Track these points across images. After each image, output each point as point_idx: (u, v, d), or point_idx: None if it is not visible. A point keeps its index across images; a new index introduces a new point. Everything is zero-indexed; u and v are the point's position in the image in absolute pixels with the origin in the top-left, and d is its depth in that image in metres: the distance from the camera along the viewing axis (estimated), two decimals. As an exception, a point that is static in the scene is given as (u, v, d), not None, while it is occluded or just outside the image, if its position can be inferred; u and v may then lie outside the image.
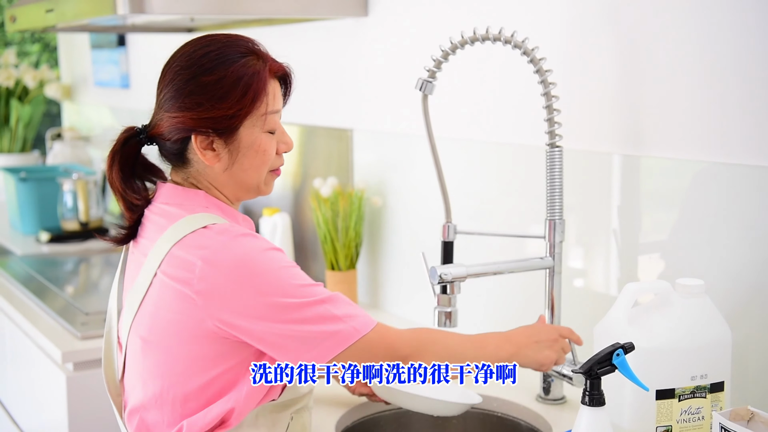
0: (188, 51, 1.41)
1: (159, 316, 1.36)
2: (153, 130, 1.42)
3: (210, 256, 1.31)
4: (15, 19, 2.89)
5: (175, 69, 1.41)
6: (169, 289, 1.34)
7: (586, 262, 1.80)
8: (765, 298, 1.46)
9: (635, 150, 1.67)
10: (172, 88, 1.40)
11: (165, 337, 1.36)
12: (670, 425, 1.35)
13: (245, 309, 1.31)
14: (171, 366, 1.36)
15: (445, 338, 1.46)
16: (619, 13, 1.67)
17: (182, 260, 1.33)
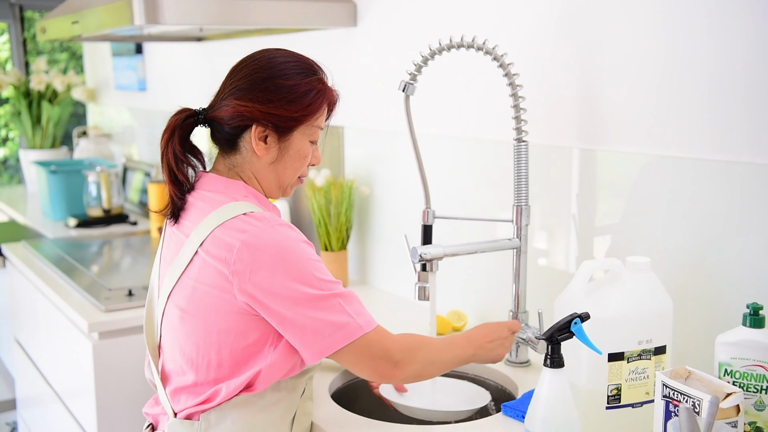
0: (269, 56, 1.42)
1: (197, 290, 1.36)
2: (213, 113, 1.42)
3: (248, 240, 1.31)
4: (45, 30, 2.88)
5: (254, 66, 1.41)
6: (208, 266, 1.34)
7: (548, 243, 1.81)
8: (701, 274, 1.47)
9: (592, 144, 1.68)
10: (247, 80, 1.40)
11: (201, 309, 1.36)
12: (620, 383, 1.36)
13: (272, 291, 1.31)
14: (206, 335, 1.36)
15: (429, 343, 1.46)
16: (575, 23, 1.67)
17: (223, 241, 1.32)
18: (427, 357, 1.43)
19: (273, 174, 1.44)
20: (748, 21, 1.36)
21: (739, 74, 1.39)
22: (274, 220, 1.36)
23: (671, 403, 1.21)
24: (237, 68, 1.43)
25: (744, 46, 1.37)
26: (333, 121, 2.15)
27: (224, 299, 1.33)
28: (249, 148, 1.41)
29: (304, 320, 1.31)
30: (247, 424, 1.38)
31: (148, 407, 1.51)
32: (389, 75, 2.24)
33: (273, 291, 1.31)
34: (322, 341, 1.32)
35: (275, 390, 1.40)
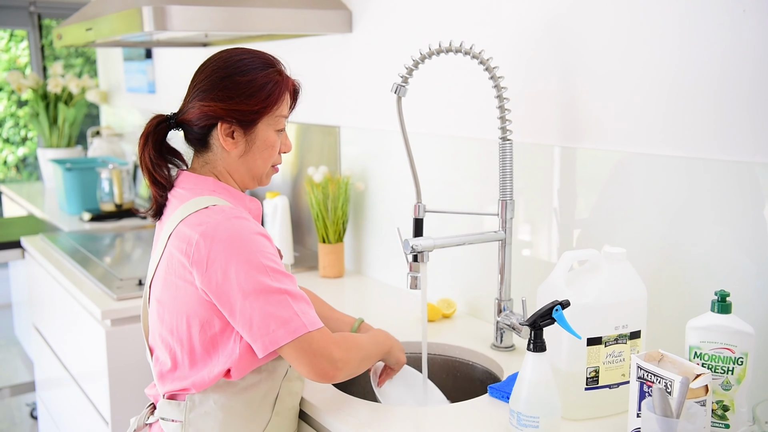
0: (225, 56, 1.42)
1: (168, 282, 1.37)
2: (183, 116, 1.42)
3: (205, 231, 1.31)
4: (61, 36, 2.87)
5: (212, 68, 1.41)
6: (174, 259, 1.35)
7: (531, 235, 1.81)
8: (673, 264, 1.47)
9: (572, 143, 1.67)
10: (208, 82, 1.40)
11: (172, 300, 1.37)
12: (598, 366, 1.36)
13: (225, 281, 1.29)
14: (177, 324, 1.36)
15: (360, 343, 1.45)
16: (556, 30, 1.67)
17: (184, 235, 1.33)
18: (361, 355, 1.43)
19: (244, 166, 1.44)
20: (715, 24, 1.36)
21: (706, 77, 1.38)
22: (232, 213, 1.34)
23: (645, 384, 1.21)
24: (198, 71, 1.44)
25: (710, 50, 1.37)
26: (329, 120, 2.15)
27: (188, 290, 1.34)
28: (218, 145, 1.41)
29: (251, 312, 1.29)
30: (227, 405, 1.39)
31: (149, 388, 1.52)
32: (382, 77, 2.23)
33: (226, 281, 1.29)
34: (268, 335, 1.29)
35: (255, 372, 1.40)
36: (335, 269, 2.38)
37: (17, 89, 4.47)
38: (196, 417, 1.39)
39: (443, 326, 1.91)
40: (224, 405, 1.39)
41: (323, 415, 1.44)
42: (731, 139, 1.36)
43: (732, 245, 1.37)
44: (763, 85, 1.31)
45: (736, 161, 1.35)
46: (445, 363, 1.78)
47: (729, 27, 1.34)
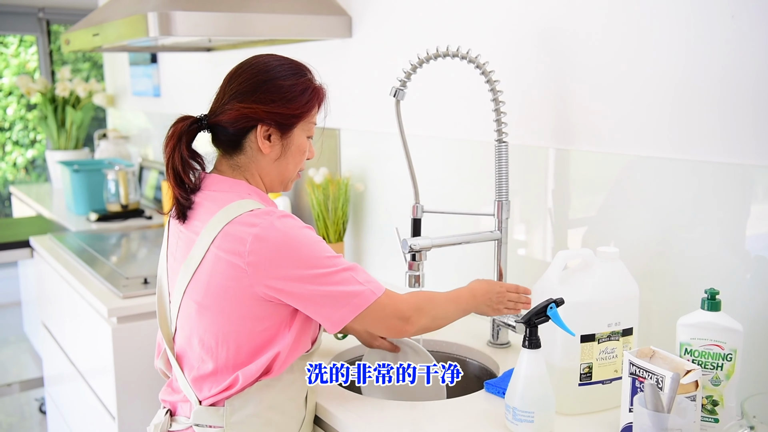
0: (264, 60, 1.40)
1: (212, 284, 1.33)
2: (217, 117, 1.39)
3: (259, 233, 1.29)
4: (69, 42, 2.87)
5: (252, 71, 1.39)
6: (222, 261, 1.31)
7: (526, 234, 1.81)
8: (664, 263, 1.47)
9: (566, 145, 1.67)
10: (248, 84, 1.38)
11: (218, 301, 1.33)
12: (591, 362, 1.36)
13: (288, 276, 1.30)
14: (224, 324, 1.34)
15: (435, 298, 1.47)
16: (551, 35, 1.67)
17: (234, 236, 1.31)
18: (434, 312, 1.45)
19: (276, 170, 1.43)
20: (705, 29, 1.36)
21: (692, 83, 1.38)
22: (278, 212, 1.34)
23: (637, 380, 1.21)
24: (235, 74, 1.41)
25: (696, 57, 1.37)
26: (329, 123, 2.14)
27: (240, 289, 1.32)
28: (254, 147, 1.39)
29: (322, 295, 1.31)
30: (269, 406, 1.37)
31: (165, 395, 1.47)
32: (381, 81, 2.23)
33: (290, 277, 1.30)
34: (342, 310, 1.32)
35: (289, 372, 1.38)
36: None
37: (26, 93, 4.47)
38: (236, 421, 1.35)
39: (441, 323, 1.91)
40: (265, 406, 1.37)
41: (324, 410, 1.44)
42: (719, 141, 1.36)
43: (721, 245, 1.37)
44: (744, 90, 1.31)
45: (724, 163, 1.35)
46: (442, 359, 1.78)
47: (717, 34, 1.34)
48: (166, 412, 1.45)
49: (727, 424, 1.14)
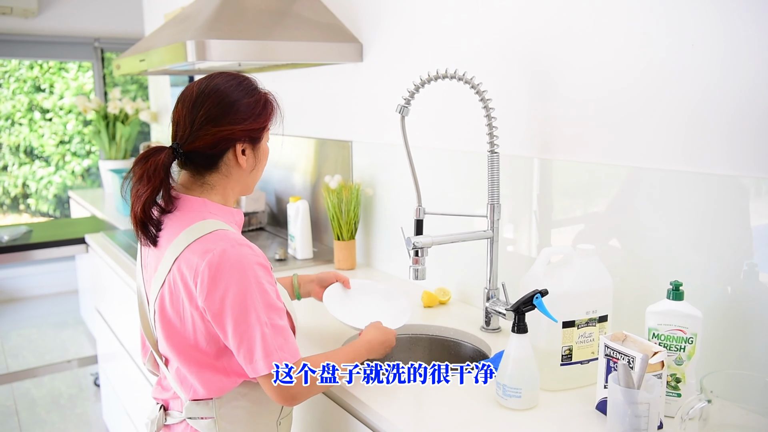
0: (219, 83, 1.30)
1: (175, 297, 1.25)
2: (192, 145, 1.28)
3: (211, 260, 1.20)
4: (119, 66, 2.88)
5: (216, 96, 1.28)
6: (178, 284, 1.24)
7: (515, 233, 1.80)
8: (634, 258, 1.46)
9: (549, 155, 1.67)
10: (218, 109, 1.28)
11: (181, 315, 1.26)
12: (572, 345, 1.35)
13: (222, 306, 1.20)
14: (187, 336, 1.26)
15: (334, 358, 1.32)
16: (536, 57, 1.66)
17: (191, 261, 1.22)
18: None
19: (250, 178, 1.36)
20: (667, 53, 1.35)
21: (660, 98, 1.38)
22: (236, 239, 1.23)
23: (611, 360, 1.20)
24: (197, 101, 1.28)
25: (664, 75, 1.36)
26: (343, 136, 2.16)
27: (189, 308, 1.23)
28: (231, 164, 1.31)
29: (243, 338, 1.20)
30: (253, 394, 1.32)
31: (157, 393, 1.40)
32: (388, 100, 2.23)
33: (222, 307, 1.20)
34: (252, 365, 1.21)
35: None
36: (348, 262, 2.37)
37: (83, 111, 4.49)
38: (226, 411, 1.30)
39: (439, 311, 1.90)
40: (252, 395, 1.32)
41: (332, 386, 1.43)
42: (681, 153, 1.35)
43: (683, 243, 1.36)
44: (708, 101, 1.30)
45: (686, 171, 1.34)
46: (440, 342, 1.77)
47: (678, 56, 1.33)
48: (159, 407, 1.39)
49: (688, 398, 1.13)
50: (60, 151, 5.91)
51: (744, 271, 1.26)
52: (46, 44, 5.18)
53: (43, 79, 5.76)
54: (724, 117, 1.28)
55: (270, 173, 3.14)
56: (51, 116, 5.81)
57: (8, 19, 5.00)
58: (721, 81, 1.28)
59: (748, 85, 1.23)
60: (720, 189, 1.29)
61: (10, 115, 5.69)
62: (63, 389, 3.84)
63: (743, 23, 1.23)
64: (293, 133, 2.89)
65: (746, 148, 1.25)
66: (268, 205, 3.16)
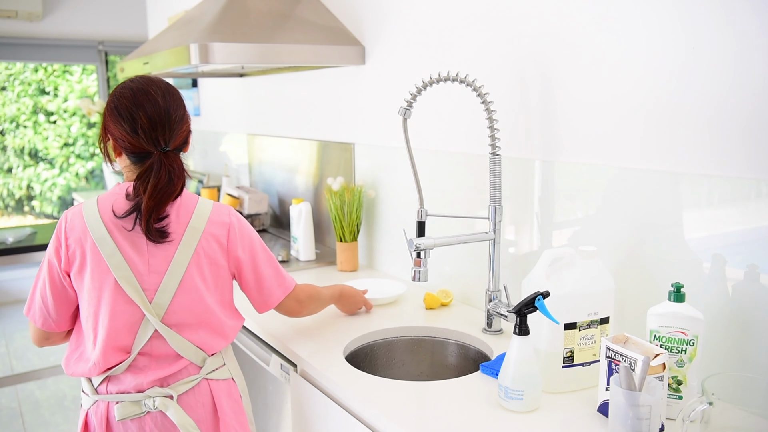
0: (165, 84, 1.44)
1: (211, 263, 1.47)
2: (176, 142, 1.42)
3: (232, 218, 1.50)
4: (123, 69, 2.89)
5: (175, 95, 1.43)
6: (215, 241, 1.48)
7: (516, 235, 1.80)
8: (637, 260, 1.46)
9: (550, 157, 1.67)
10: (182, 106, 1.43)
11: (212, 278, 1.48)
12: (573, 347, 1.35)
13: (254, 244, 1.51)
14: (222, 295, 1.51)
15: (320, 293, 1.72)
16: (537, 61, 1.66)
17: (216, 225, 1.46)
18: (319, 302, 1.72)
19: None
20: (670, 56, 1.35)
21: (662, 102, 1.37)
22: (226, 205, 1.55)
23: (613, 363, 1.20)
24: (168, 101, 1.40)
25: (666, 79, 1.36)
26: (346, 138, 2.16)
27: (226, 260, 1.48)
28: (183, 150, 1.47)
29: (268, 267, 1.54)
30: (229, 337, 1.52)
31: (150, 377, 1.41)
32: (390, 102, 2.23)
33: (253, 245, 1.51)
34: (277, 290, 1.56)
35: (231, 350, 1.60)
36: (350, 264, 2.37)
37: (87, 114, 4.50)
38: (227, 353, 1.54)
39: (441, 313, 1.90)
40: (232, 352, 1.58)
41: (333, 386, 1.43)
42: (683, 153, 1.35)
43: (685, 245, 1.36)
44: (702, 106, 1.30)
45: (687, 173, 1.34)
46: (442, 344, 1.77)
47: (679, 59, 1.33)
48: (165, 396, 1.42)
49: (690, 400, 1.12)
50: (64, 154, 5.93)
51: (745, 273, 1.26)
52: (50, 47, 5.20)
53: (47, 81, 5.78)
54: (724, 119, 1.27)
55: (273, 175, 3.14)
56: (55, 119, 5.83)
57: (13, 22, 5.02)
58: (721, 83, 1.28)
59: (749, 86, 1.23)
60: (721, 191, 1.29)
61: (14, 118, 5.71)
62: (67, 391, 3.84)
63: (743, 26, 1.23)
64: (296, 135, 2.89)
65: (747, 150, 1.25)
66: (270, 207, 3.16)
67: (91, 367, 1.40)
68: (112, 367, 1.41)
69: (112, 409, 1.41)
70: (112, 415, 1.41)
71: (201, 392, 1.45)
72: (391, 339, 1.76)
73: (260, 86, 3.17)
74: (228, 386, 1.50)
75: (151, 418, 1.41)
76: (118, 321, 1.39)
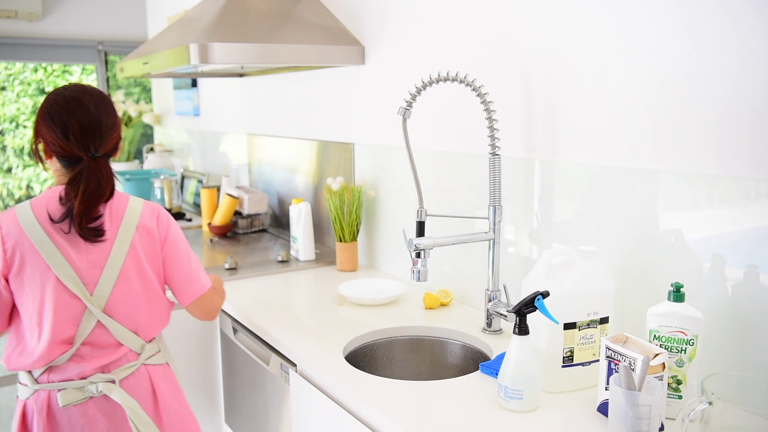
0: (98, 93, 1.52)
1: (148, 254, 1.57)
2: (106, 148, 1.50)
3: (161, 211, 1.61)
4: (123, 69, 2.88)
5: (106, 103, 1.50)
6: (147, 235, 1.58)
7: (516, 235, 1.80)
8: (636, 260, 1.46)
9: (550, 157, 1.67)
10: (113, 113, 1.51)
11: (151, 267, 1.58)
12: (573, 347, 1.35)
13: (178, 236, 1.60)
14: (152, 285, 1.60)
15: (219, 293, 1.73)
16: (537, 58, 1.66)
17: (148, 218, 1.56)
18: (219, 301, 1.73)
19: None
20: (669, 58, 1.35)
21: (660, 104, 1.37)
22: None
23: (613, 362, 1.20)
24: (99, 109, 1.48)
25: (666, 81, 1.36)
26: (345, 138, 2.14)
27: (161, 249, 1.58)
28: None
29: (191, 261, 1.62)
30: None
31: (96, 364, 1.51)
32: (390, 102, 2.23)
33: (177, 236, 1.60)
34: (194, 286, 1.62)
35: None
36: (350, 264, 2.37)
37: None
38: (161, 340, 1.65)
39: (441, 313, 1.90)
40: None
41: (333, 386, 1.43)
42: (683, 153, 1.35)
43: (685, 245, 1.36)
44: (704, 108, 1.30)
45: (687, 173, 1.34)
46: (442, 344, 1.77)
47: (679, 59, 1.33)
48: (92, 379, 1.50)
49: (690, 400, 1.12)
50: (63, 154, 5.93)
51: (745, 273, 1.26)
52: (50, 47, 5.20)
53: (47, 81, 5.77)
54: (725, 119, 1.27)
55: (273, 175, 3.14)
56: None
57: (13, 22, 5.01)
58: (721, 83, 1.28)
59: (750, 87, 1.23)
60: (721, 191, 1.29)
61: (14, 118, 5.71)
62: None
63: (744, 26, 1.23)
64: (295, 135, 2.89)
65: (747, 150, 1.25)
66: (270, 207, 3.16)
67: (35, 360, 1.48)
68: (56, 357, 1.49)
69: (53, 397, 1.49)
70: (54, 403, 1.49)
71: (140, 377, 1.56)
72: (391, 339, 1.76)
73: (260, 86, 3.17)
74: (164, 370, 1.61)
75: (94, 403, 1.51)
76: (61, 315, 1.47)
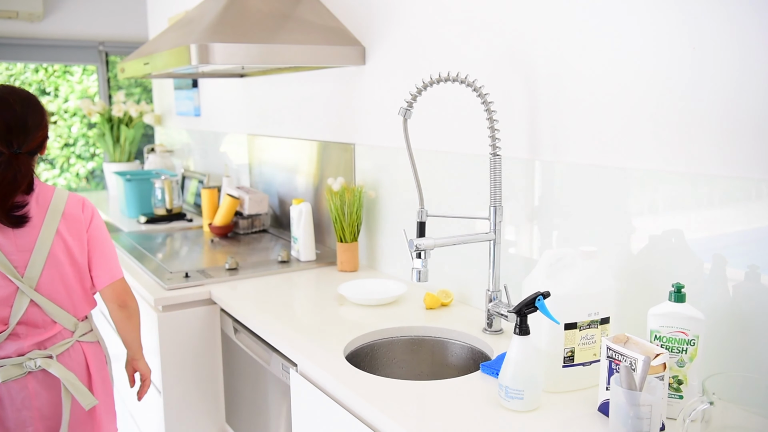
0: (26, 93, 1.62)
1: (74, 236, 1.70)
2: (29, 146, 1.59)
3: (85, 200, 1.74)
4: (124, 70, 2.88)
5: (35, 106, 1.60)
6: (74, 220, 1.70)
7: (517, 235, 1.80)
8: (637, 260, 1.46)
9: (551, 157, 1.66)
10: (40, 113, 1.61)
11: (78, 249, 1.71)
12: (574, 347, 1.35)
13: (100, 225, 1.72)
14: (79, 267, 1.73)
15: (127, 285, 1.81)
16: (538, 58, 1.66)
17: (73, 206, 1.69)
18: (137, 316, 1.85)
19: None
20: (668, 59, 1.35)
21: (661, 106, 1.37)
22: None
23: (613, 362, 1.20)
24: (26, 109, 1.58)
25: (666, 83, 1.36)
26: (346, 139, 2.14)
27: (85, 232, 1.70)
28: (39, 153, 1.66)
29: (109, 250, 1.73)
30: None
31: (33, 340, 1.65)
32: (390, 102, 2.23)
33: (99, 224, 1.72)
34: (110, 272, 1.73)
35: None
36: (351, 264, 2.37)
37: (88, 114, 4.49)
38: (93, 323, 1.79)
39: (442, 313, 1.90)
40: None
41: (334, 386, 1.43)
42: (684, 154, 1.35)
43: (686, 245, 1.36)
44: (706, 108, 1.30)
45: (688, 173, 1.34)
46: (442, 344, 1.77)
47: (680, 59, 1.33)
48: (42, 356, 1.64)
49: (690, 400, 1.12)
50: (65, 154, 5.93)
51: (746, 273, 1.26)
52: (51, 48, 5.20)
53: (48, 82, 5.78)
54: (726, 119, 1.27)
55: (273, 175, 3.14)
56: (56, 119, 5.82)
57: (14, 23, 5.01)
58: (722, 83, 1.27)
59: (751, 87, 1.23)
60: (722, 191, 1.29)
61: (14, 118, 5.69)
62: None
63: (745, 26, 1.23)
64: (296, 135, 2.89)
65: (748, 151, 1.24)
66: (271, 208, 3.16)
67: None
68: None
69: None
70: None
71: (75, 353, 1.71)
72: (391, 339, 1.76)
73: (260, 86, 3.17)
74: (95, 348, 1.77)
75: (33, 377, 1.65)
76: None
